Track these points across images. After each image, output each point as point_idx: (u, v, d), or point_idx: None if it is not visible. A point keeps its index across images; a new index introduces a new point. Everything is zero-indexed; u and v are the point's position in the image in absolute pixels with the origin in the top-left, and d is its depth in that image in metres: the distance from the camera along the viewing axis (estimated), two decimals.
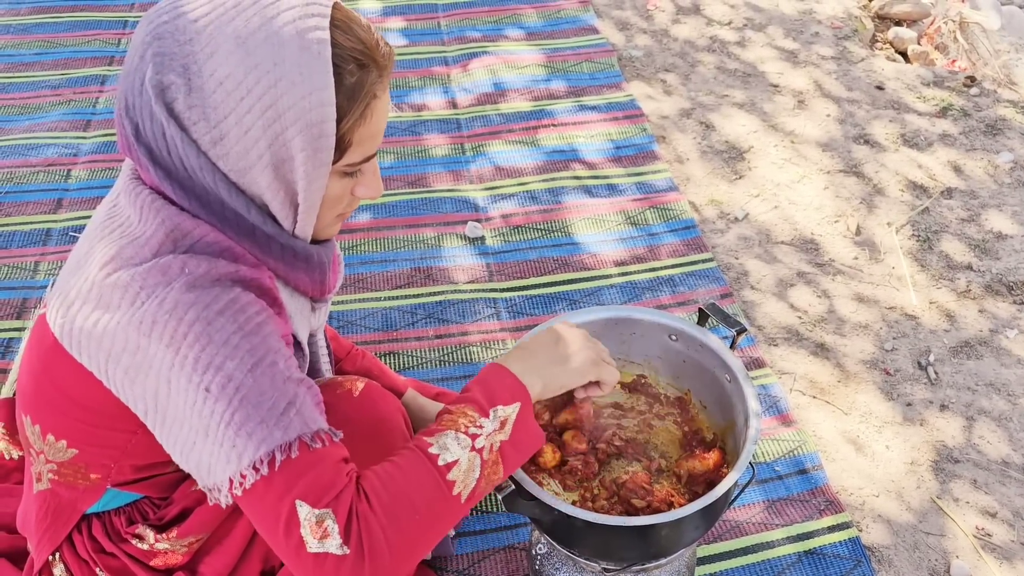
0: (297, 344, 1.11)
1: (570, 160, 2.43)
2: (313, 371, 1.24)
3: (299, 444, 0.89)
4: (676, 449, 1.27)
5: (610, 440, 1.26)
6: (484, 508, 1.62)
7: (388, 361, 1.89)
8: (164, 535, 1.13)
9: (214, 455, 0.89)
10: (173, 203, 0.96)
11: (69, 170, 2.36)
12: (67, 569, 1.17)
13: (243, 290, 0.94)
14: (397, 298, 2.03)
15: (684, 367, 1.28)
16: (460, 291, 2.05)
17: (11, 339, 1.90)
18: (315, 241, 1.06)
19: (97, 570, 1.16)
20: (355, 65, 0.91)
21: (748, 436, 1.10)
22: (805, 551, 1.56)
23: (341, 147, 0.94)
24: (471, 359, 1.90)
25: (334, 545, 0.87)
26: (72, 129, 2.50)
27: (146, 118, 0.92)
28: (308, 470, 0.89)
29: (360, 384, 1.20)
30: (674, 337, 1.26)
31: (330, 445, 0.92)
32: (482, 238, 2.19)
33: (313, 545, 0.87)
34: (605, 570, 1.17)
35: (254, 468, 0.88)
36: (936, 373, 1.88)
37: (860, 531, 1.59)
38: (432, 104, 2.64)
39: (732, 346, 1.20)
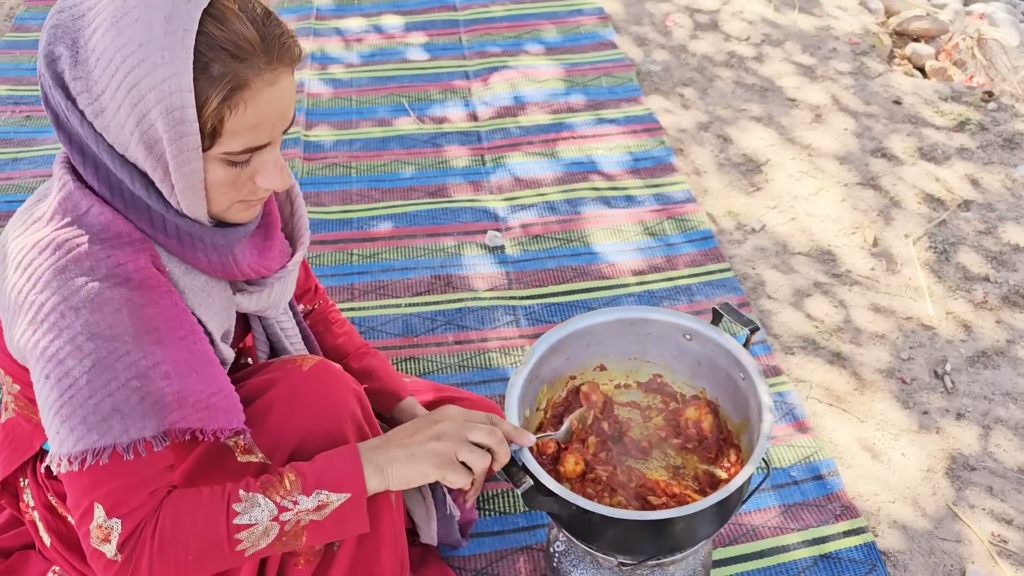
0: (204, 326, 1.10)
1: (588, 172, 2.47)
2: (277, 354, 1.27)
3: (112, 452, 0.95)
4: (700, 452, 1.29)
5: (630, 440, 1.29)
6: (503, 510, 1.64)
7: (408, 366, 1.92)
8: None
9: (48, 432, 0.98)
10: (78, 172, 1.01)
11: None
12: (32, 494, 1.25)
13: (111, 284, 0.97)
14: (417, 305, 2.07)
15: (699, 366, 1.30)
16: (480, 298, 2.08)
17: None
18: (225, 223, 1.07)
19: (48, 495, 1.22)
20: (226, 54, 0.93)
21: (761, 431, 1.12)
22: (820, 555, 1.57)
23: (211, 134, 0.95)
24: (490, 364, 1.93)
25: (109, 550, 0.98)
26: None
27: (46, 85, 0.99)
28: (112, 479, 0.97)
29: (311, 361, 1.19)
30: (689, 337, 1.29)
31: (147, 456, 0.97)
32: (502, 247, 2.22)
33: (95, 542, 0.98)
34: (621, 565, 1.19)
35: (69, 460, 0.95)
36: (952, 382, 1.89)
37: (875, 536, 1.60)
38: (453, 117, 2.68)
39: (746, 345, 1.23)
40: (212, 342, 1.12)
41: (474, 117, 2.68)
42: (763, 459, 1.23)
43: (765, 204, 2.38)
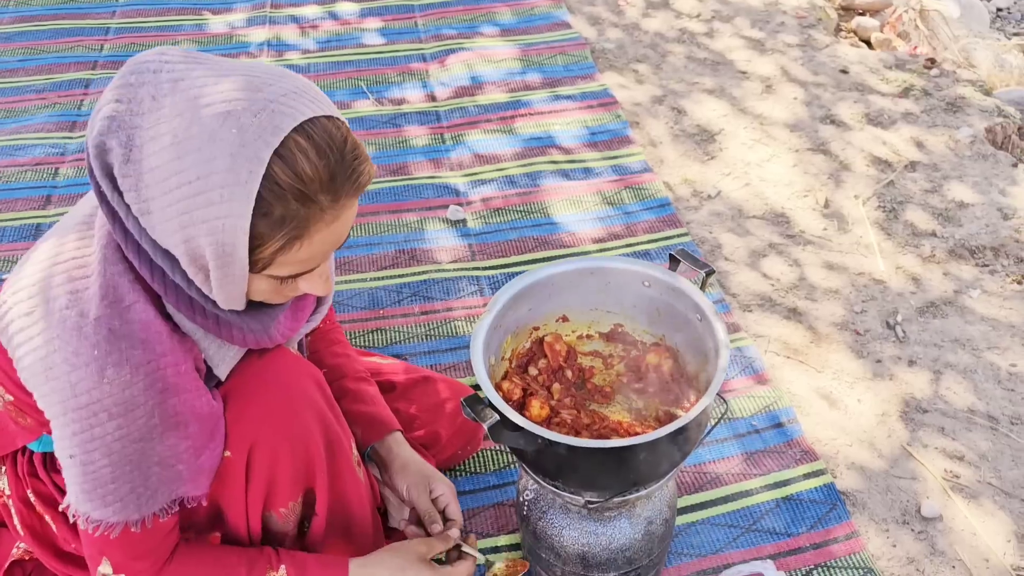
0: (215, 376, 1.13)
1: (547, 146, 2.51)
2: None
3: (122, 527, 1.03)
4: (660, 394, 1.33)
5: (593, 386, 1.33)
6: (473, 469, 1.67)
7: (375, 338, 1.94)
8: None
9: (67, 485, 1.03)
10: (119, 250, 0.99)
11: (57, 168, 2.41)
12: (8, 483, 1.26)
13: (144, 387, 0.97)
14: (383, 278, 2.09)
15: (658, 313, 1.34)
16: (444, 270, 2.11)
17: None
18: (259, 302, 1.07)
19: (28, 491, 1.24)
20: (290, 197, 0.89)
21: (718, 365, 1.16)
22: (782, 498, 1.62)
23: (261, 264, 0.94)
24: (456, 333, 1.96)
25: None
26: (58, 130, 2.55)
27: (94, 165, 0.96)
28: (120, 546, 1.06)
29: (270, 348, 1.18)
30: (647, 284, 1.33)
31: (152, 527, 1.06)
32: (463, 220, 2.25)
33: None
34: (588, 503, 1.23)
35: (84, 520, 1.03)
36: (904, 332, 1.96)
37: (834, 478, 1.66)
38: (411, 98, 2.70)
39: (702, 287, 1.27)
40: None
41: (432, 98, 2.70)
42: (720, 396, 1.28)
43: (719, 171, 2.43)
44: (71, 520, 1.04)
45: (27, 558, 1.39)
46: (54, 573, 1.41)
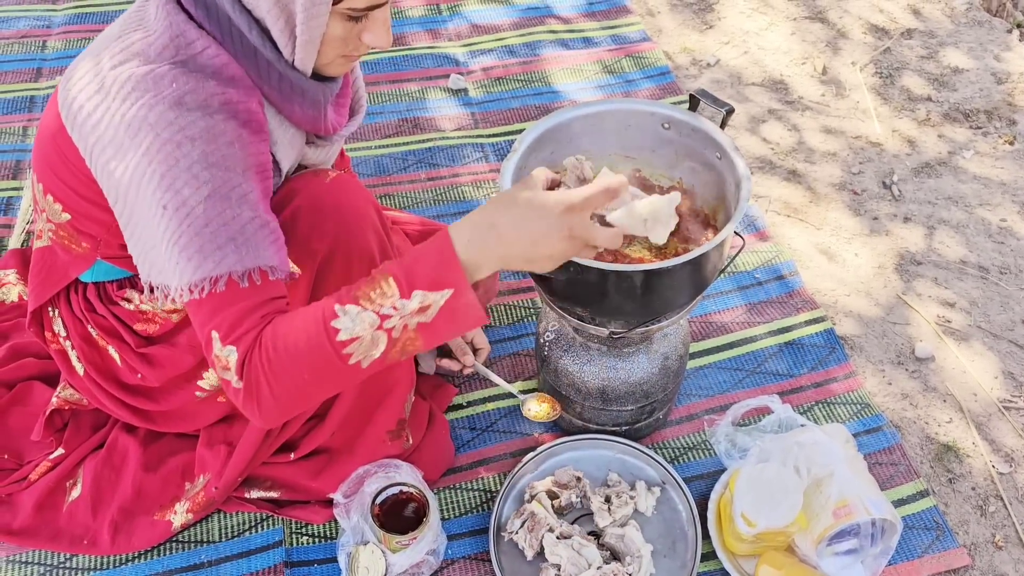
0: (277, 169, 1.14)
1: (544, 16, 2.48)
2: None
3: (227, 279, 0.96)
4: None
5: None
6: (491, 323, 1.72)
7: (384, 203, 1.96)
8: (147, 297, 1.17)
9: (162, 265, 0.98)
10: (185, 10, 1.00)
11: (44, 41, 2.35)
12: (64, 325, 1.29)
13: (224, 117, 0.97)
14: (387, 146, 2.10)
15: (676, 156, 1.37)
16: (448, 138, 2.12)
17: (11, 198, 1.93)
18: (319, 77, 1.09)
19: (88, 327, 1.27)
20: None
21: (740, 196, 1.20)
22: (785, 342, 1.70)
23: None
24: (464, 197, 1.98)
25: (232, 378, 0.98)
26: (40, 2, 2.47)
27: None
28: (228, 306, 0.97)
29: (332, 173, 1.21)
30: (667, 125, 1.35)
31: (262, 284, 0.98)
32: (465, 90, 2.24)
33: (219, 371, 0.99)
34: (613, 334, 1.29)
35: (189, 289, 0.96)
36: (900, 191, 2.01)
37: (834, 324, 1.74)
38: None
39: (722, 126, 1.30)
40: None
41: None
42: (738, 234, 1.33)
43: (718, 40, 2.43)
44: (167, 300, 0.98)
45: (66, 407, 1.43)
46: (98, 418, 1.47)
